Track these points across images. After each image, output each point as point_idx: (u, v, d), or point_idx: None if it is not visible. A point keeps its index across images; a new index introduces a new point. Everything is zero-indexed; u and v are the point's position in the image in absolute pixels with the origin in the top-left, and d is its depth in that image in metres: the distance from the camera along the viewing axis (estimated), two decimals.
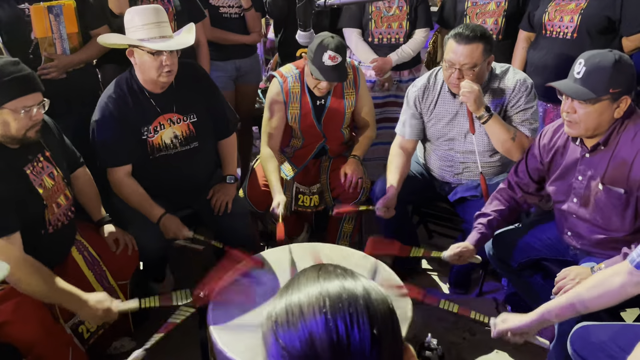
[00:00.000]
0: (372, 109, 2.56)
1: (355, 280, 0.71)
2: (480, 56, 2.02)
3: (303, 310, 0.67)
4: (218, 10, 2.88)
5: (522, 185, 1.98)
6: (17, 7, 2.20)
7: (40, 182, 1.74)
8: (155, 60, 1.97)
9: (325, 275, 0.72)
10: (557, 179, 1.84)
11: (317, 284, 0.70)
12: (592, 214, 1.76)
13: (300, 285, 0.71)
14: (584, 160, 1.75)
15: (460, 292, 2.52)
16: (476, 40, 2.00)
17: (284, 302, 0.70)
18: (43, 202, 1.73)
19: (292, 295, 0.70)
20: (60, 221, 1.82)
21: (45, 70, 2.26)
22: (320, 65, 2.22)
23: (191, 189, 2.28)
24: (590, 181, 1.74)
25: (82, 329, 1.84)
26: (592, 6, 2.41)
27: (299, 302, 0.68)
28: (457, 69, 2.04)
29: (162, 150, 2.15)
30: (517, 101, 2.12)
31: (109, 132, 2.06)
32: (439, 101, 2.25)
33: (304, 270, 0.75)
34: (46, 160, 1.79)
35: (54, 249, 1.82)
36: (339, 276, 0.72)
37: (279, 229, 2.09)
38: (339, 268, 0.74)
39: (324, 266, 0.75)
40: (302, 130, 2.47)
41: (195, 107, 2.19)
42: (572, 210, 1.82)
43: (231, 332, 1.57)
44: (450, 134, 2.26)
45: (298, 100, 2.41)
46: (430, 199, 2.52)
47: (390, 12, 2.85)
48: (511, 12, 2.75)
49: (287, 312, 0.68)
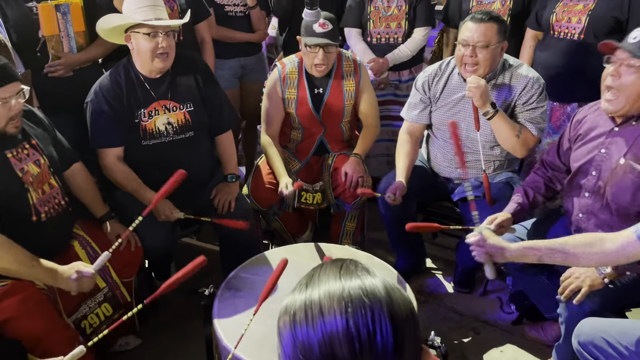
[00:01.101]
0: (375, 105, 2.55)
1: (377, 280, 0.69)
2: (494, 35, 2.06)
3: (323, 310, 0.65)
4: (223, 8, 2.89)
5: (551, 164, 2.01)
6: (24, 6, 2.22)
7: (22, 167, 1.72)
8: (150, 42, 1.98)
9: (346, 273, 0.69)
10: (582, 149, 1.83)
11: (339, 283, 0.68)
12: (607, 189, 1.74)
13: (321, 282, 0.69)
14: (612, 133, 1.74)
15: (465, 291, 2.52)
16: (491, 20, 2.06)
17: (303, 298, 0.68)
18: (24, 186, 1.71)
19: (312, 291, 0.68)
20: (50, 209, 1.80)
21: (52, 68, 2.28)
22: (312, 33, 2.27)
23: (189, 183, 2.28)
24: (613, 155, 1.73)
25: (84, 324, 1.85)
26: (599, 7, 2.40)
27: (319, 300, 0.66)
28: (471, 47, 2.07)
29: (156, 137, 2.15)
30: (529, 99, 2.12)
31: (101, 113, 2.07)
32: (446, 86, 2.27)
33: (324, 265, 0.73)
34: (32, 147, 1.79)
35: (49, 238, 1.81)
36: (361, 276, 0.69)
37: (295, 185, 2.21)
38: (359, 266, 0.72)
39: (345, 263, 0.73)
40: (300, 117, 2.48)
41: (192, 97, 2.19)
42: (588, 185, 1.80)
43: (236, 328, 1.58)
44: (455, 118, 2.24)
45: (295, 86, 2.44)
46: (435, 198, 2.52)
47: (389, 12, 2.85)
48: (516, 11, 2.74)
49: (305, 309, 0.66)
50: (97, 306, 1.91)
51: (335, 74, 2.43)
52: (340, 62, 2.44)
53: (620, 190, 1.69)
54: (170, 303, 2.43)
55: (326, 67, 2.36)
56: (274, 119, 2.49)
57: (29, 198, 1.73)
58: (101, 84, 2.09)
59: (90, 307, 1.89)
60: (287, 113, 2.50)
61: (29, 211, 1.74)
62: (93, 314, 1.90)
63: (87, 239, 1.97)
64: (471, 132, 2.22)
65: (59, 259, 1.86)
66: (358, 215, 2.56)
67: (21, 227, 1.71)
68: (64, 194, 1.87)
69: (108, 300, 1.93)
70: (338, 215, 2.58)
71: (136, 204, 2.14)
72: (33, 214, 1.74)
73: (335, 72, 2.43)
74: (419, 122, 2.36)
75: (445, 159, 2.38)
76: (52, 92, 2.30)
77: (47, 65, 2.26)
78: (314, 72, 2.38)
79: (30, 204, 1.73)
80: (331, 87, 2.44)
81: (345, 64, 2.45)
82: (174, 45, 2.06)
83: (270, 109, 2.48)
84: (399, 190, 2.17)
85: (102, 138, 2.11)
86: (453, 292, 2.53)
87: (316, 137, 2.53)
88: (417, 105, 2.35)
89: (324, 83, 2.44)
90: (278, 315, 0.71)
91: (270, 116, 2.49)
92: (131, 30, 2.00)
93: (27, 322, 1.62)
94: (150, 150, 2.16)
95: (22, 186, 1.71)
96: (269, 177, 2.45)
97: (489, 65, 2.10)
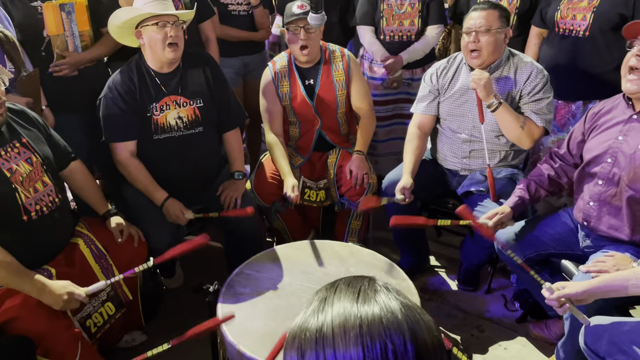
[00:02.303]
0: (366, 93, 2.56)
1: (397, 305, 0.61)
2: (495, 20, 2.10)
3: (336, 342, 0.58)
4: (227, 7, 2.90)
5: (560, 157, 2.02)
6: (29, 5, 2.24)
7: (11, 167, 1.72)
8: (160, 32, 2.03)
9: (364, 299, 0.62)
10: (597, 138, 1.84)
11: (354, 309, 0.60)
12: (622, 174, 1.74)
13: (335, 308, 0.61)
14: (631, 120, 1.76)
15: (469, 289, 2.52)
16: (492, 7, 2.14)
17: (314, 326, 0.61)
18: (11, 186, 1.71)
19: (325, 318, 0.60)
20: (43, 207, 1.79)
21: (57, 67, 2.29)
22: (292, 15, 2.35)
23: (198, 179, 2.30)
24: (631, 141, 1.74)
25: (89, 322, 1.86)
26: (604, 4, 2.39)
27: (332, 329, 0.59)
28: (474, 33, 2.10)
29: (167, 131, 2.18)
30: (533, 88, 2.14)
31: (115, 107, 2.11)
32: (454, 78, 2.29)
33: (339, 287, 0.65)
34: (23, 146, 1.78)
35: (44, 236, 1.81)
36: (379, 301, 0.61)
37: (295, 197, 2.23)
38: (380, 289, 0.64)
39: (363, 286, 0.64)
40: (296, 109, 2.50)
41: (202, 93, 2.23)
42: (602, 173, 1.80)
43: (240, 325, 1.58)
44: (461, 109, 2.28)
45: (287, 78, 2.48)
46: (440, 194, 2.52)
47: (401, 9, 2.84)
48: (523, 9, 2.74)
49: (317, 339, 0.59)
50: (101, 305, 1.91)
51: (324, 64, 2.47)
52: (327, 53, 2.49)
53: (638, 175, 1.70)
54: (176, 299, 2.45)
55: (311, 49, 2.39)
56: (274, 115, 2.51)
57: (17, 198, 1.72)
58: (114, 80, 2.13)
59: (94, 306, 1.90)
60: (283, 107, 2.52)
61: (18, 211, 1.72)
62: (97, 313, 1.90)
63: (91, 237, 1.97)
64: (477, 122, 2.24)
65: (64, 258, 1.87)
66: (364, 213, 2.56)
67: (11, 226, 1.71)
68: (57, 192, 1.86)
69: (111, 299, 1.94)
70: (343, 214, 2.58)
71: (143, 206, 2.16)
72: (23, 214, 1.73)
73: (324, 62, 2.47)
74: (428, 114, 2.37)
75: (451, 151, 2.39)
76: (56, 91, 2.31)
77: (52, 64, 2.28)
78: (300, 57, 2.41)
79: (19, 204, 1.72)
80: (321, 77, 2.47)
81: (332, 55, 2.49)
82: (182, 37, 2.11)
83: (268, 106, 2.51)
84: (407, 189, 2.18)
85: (116, 132, 2.15)
86: (457, 290, 2.53)
87: (314, 130, 2.54)
88: (426, 97, 2.37)
89: (313, 74, 2.47)
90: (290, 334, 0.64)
91: (270, 113, 2.51)
92: (141, 25, 2.05)
93: (29, 322, 1.63)
94: (161, 145, 2.19)
95: (9, 186, 1.70)
96: (272, 173, 2.46)
97: (492, 50, 2.12)
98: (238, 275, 1.84)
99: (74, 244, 1.93)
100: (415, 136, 2.37)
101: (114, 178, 2.28)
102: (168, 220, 2.17)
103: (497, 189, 2.17)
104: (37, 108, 2.10)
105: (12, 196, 1.71)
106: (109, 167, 2.27)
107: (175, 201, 2.17)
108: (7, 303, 1.62)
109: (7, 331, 1.62)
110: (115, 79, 2.13)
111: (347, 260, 1.91)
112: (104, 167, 2.49)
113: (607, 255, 1.72)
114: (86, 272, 1.87)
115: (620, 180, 1.75)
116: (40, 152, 1.82)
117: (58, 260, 1.85)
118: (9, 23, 2.16)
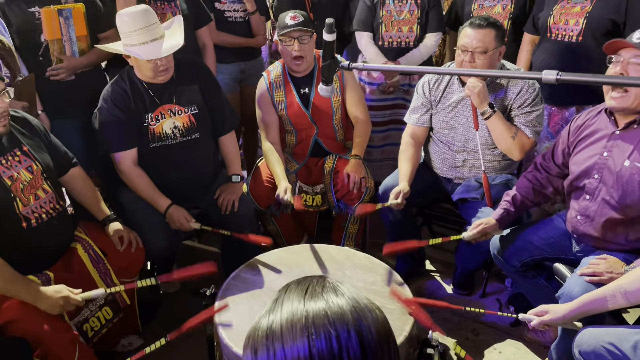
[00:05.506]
0: (361, 100, 2.58)
1: (345, 301, 0.64)
2: (492, 41, 2.10)
3: (284, 337, 0.61)
4: (223, 14, 2.92)
5: (545, 167, 2.03)
6: (27, 10, 2.25)
7: (12, 175, 1.73)
8: (150, 63, 2.05)
9: (312, 296, 0.64)
10: (583, 153, 1.86)
11: (302, 306, 0.63)
12: (609, 191, 1.76)
13: (284, 306, 0.64)
14: (614, 136, 1.77)
15: (464, 293, 2.53)
16: (489, 26, 2.10)
17: (264, 324, 0.64)
18: (10, 195, 1.72)
19: (274, 317, 0.63)
20: (43, 214, 1.80)
21: (54, 71, 2.30)
22: (285, 26, 2.35)
23: (195, 184, 2.31)
24: (616, 158, 1.75)
25: (86, 327, 1.86)
26: (597, 9, 2.42)
27: (280, 326, 0.62)
28: (470, 52, 2.10)
29: (163, 139, 2.20)
30: (523, 102, 2.16)
31: (112, 118, 2.12)
32: (447, 90, 2.30)
33: (290, 287, 0.68)
34: (24, 154, 1.80)
35: (44, 242, 1.82)
36: (327, 297, 0.64)
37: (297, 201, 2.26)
38: (328, 285, 0.66)
39: (312, 284, 0.67)
40: (292, 118, 2.51)
41: (196, 100, 2.24)
42: (589, 188, 1.82)
43: (237, 327, 1.59)
44: (453, 122, 2.30)
45: (282, 88, 2.49)
46: (435, 199, 2.54)
47: (401, 16, 2.86)
48: (517, 15, 2.77)
49: (267, 336, 0.62)
50: (98, 309, 1.92)
51: (318, 73, 2.47)
52: (321, 62, 2.48)
53: (627, 192, 1.72)
54: (172, 303, 2.45)
55: (305, 60, 2.40)
56: (270, 125, 2.52)
57: (15, 206, 1.73)
58: (108, 91, 2.14)
59: (92, 310, 1.90)
60: (279, 116, 2.53)
61: (17, 218, 1.74)
62: (94, 317, 1.90)
63: (90, 242, 1.98)
64: (470, 133, 2.25)
65: (62, 263, 1.88)
66: (360, 217, 2.57)
67: (11, 233, 1.72)
68: (58, 199, 1.87)
69: (109, 304, 1.94)
70: (340, 218, 2.59)
71: (141, 211, 2.17)
72: (22, 221, 1.75)
73: (318, 70, 2.47)
74: (420, 125, 2.39)
75: (443, 161, 2.41)
76: (54, 96, 2.32)
77: (49, 68, 2.29)
78: (294, 68, 2.43)
79: (17, 212, 1.73)
80: (316, 85, 2.47)
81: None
82: (172, 59, 2.12)
83: (264, 116, 2.52)
84: (401, 193, 2.19)
85: (116, 142, 2.15)
86: (452, 294, 2.54)
87: (310, 138, 2.56)
88: (418, 109, 2.39)
89: (308, 82, 2.49)
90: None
91: (266, 122, 2.52)
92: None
93: (28, 324, 1.63)
94: (158, 152, 2.20)
95: (8, 194, 1.71)
96: (268, 176, 2.47)
97: (487, 69, 2.11)
98: (235, 279, 1.85)
99: (73, 248, 1.93)
100: (409, 145, 2.39)
101: (112, 182, 2.28)
102: (172, 227, 2.17)
103: (492, 195, 2.19)
104: (33, 113, 2.11)
105: (11, 204, 1.72)
106: (106, 171, 2.28)
107: (179, 208, 2.17)
108: (5, 305, 1.62)
109: (6, 333, 1.62)
110: (109, 91, 2.14)
111: (342, 264, 1.92)
112: (101, 171, 2.49)
113: (600, 258, 1.74)
114: (84, 277, 1.87)
115: (606, 196, 1.77)
116: (40, 160, 1.83)
117: (57, 265, 1.86)
118: (4, 29, 2.17)
